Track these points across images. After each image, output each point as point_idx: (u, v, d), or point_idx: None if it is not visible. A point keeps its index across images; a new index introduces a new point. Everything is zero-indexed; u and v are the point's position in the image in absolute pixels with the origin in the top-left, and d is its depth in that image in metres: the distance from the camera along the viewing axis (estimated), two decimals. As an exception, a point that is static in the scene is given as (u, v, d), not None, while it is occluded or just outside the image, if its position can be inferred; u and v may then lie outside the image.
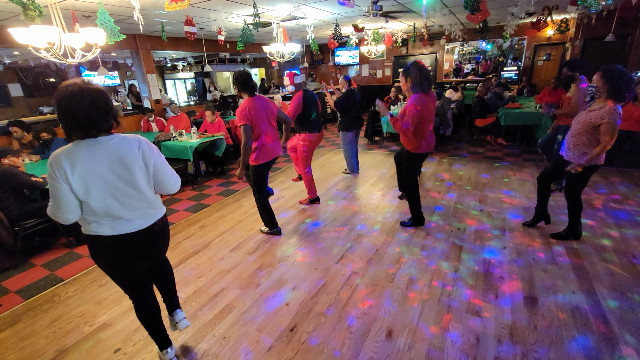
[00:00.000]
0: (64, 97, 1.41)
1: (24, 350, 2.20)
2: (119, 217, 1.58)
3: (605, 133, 2.55)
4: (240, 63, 13.93)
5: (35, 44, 2.71)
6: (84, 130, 1.46)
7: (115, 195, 1.55)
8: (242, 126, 2.95)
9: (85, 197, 1.50)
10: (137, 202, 1.62)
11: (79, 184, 1.46)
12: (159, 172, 1.68)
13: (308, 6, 5.24)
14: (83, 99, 1.42)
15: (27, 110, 9.86)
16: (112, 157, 1.52)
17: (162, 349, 1.97)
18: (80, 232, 3.59)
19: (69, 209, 1.50)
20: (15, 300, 2.73)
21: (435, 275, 2.69)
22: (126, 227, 1.61)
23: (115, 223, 1.59)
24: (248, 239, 3.49)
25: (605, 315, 2.18)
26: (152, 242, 1.74)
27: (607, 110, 2.53)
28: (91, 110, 1.43)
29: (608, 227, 3.29)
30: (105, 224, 1.58)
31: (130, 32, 6.38)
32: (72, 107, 1.41)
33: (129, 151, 1.56)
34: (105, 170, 1.51)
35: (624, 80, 2.47)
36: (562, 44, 8.88)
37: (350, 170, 5.29)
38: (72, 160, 1.44)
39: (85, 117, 1.43)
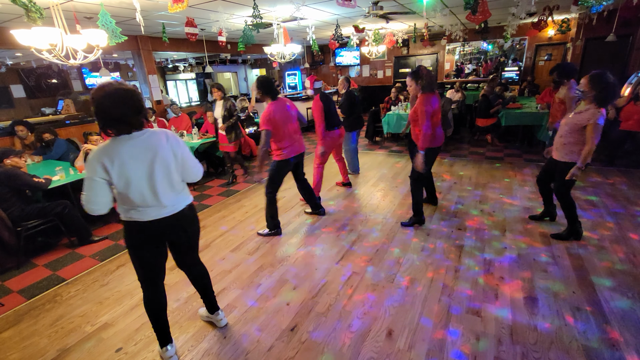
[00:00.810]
0: (102, 97, 1.56)
1: (26, 349, 2.21)
2: (154, 204, 1.73)
3: (590, 134, 2.64)
4: (241, 64, 13.97)
5: (38, 45, 2.73)
6: (119, 126, 1.61)
7: (150, 185, 1.69)
8: (264, 131, 3.09)
9: (125, 189, 1.64)
10: (168, 190, 1.77)
11: (119, 177, 1.61)
12: (186, 161, 1.83)
13: (309, 7, 5.25)
14: (121, 99, 1.58)
15: (29, 111, 9.90)
16: (146, 150, 1.67)
17: (162, 346, 2.02)
18: (83, 232, 3.62)
19: (101, 202, 1.63)
20: (18, 300, 2.75)
21: (436, 276, 2.69)
22: (160, 213, 1.76)
23: (151, 210, 1.73)
24: (249, 239, 3.50)
25: (606, 315, 2.18)
26: (182, 227, 1.88)
27: (593, 112, 2.62)
28: (125, 108, 1.59)
29: (609, 227, 3.29)
30: (141, 211, 1.72)
31: (131, 34, 6.41)
32: (108, 106, 1.56)
33: (160, 143, 1.71)
34: (141, 162, 1.65)
35: (610, 87, 2.56)
36: (563, 44, 8.88)
37: (351, 170, 5.30)
38: (111, 156, 1.59)
39: (120, 115, 1.58)
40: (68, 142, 5.19)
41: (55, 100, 10.15)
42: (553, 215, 3.41)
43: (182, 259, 2.07)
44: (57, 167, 3.80)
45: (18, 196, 3.34)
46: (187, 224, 1.91)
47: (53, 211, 3.40)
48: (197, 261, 2.16)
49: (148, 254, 1.84)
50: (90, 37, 3.01)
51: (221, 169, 5.91)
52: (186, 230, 1.91)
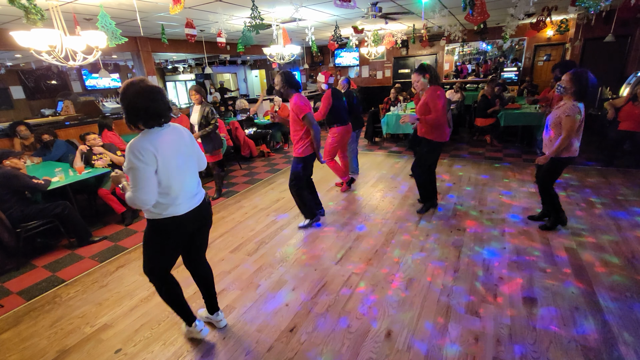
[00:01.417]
0: (140, 94, 1.65)
1: (25, 351, 2.21)
2: (190, 192, 1.86)
3: (565, 126, 2.78)
4: (240, 65, 13.98)
5: (37, 47, 2.73)
6: (154, 120, 1.70)
7: (186, 173, 1.83)
8: (308, 114, 3.16)
9: (168, 178, 1.73)
10: (196, 178, 1.93)
11: (163, 164, 1.70)
12: (200, 151, 1.99)
13: (308, 8, 5.26)
14: (154, 94, 1.68)
15: (29, 112, 9.90)
16: (178, 140, 1.81)
17: (190, 324, 2.14)
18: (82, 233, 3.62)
19: (151, 190, 1.68)
20: (17, 301, 2.75)
21: (435, 276, 2.69)
22: (195, 201, 1.89)
23: (189, 200, 1.85)
24: (248, 240, 3.50)
25: (605, 315, 2.19)
26: (205, 217, 2.00)
27: (569, 106, 2.76)
28: (162, 104, 1.71)
29: (608, 227, 3.29)
30: (181, 204, 1.81)
31: (131, 35, 6.42)
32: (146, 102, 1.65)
33: (183, 135, 1.86)
34: (177, 152, 1.78)
35: (589, 85, 2.70)
36: (562, 44, 8.89)
37: (350, 170, 5.30)
38: (155, 144, 1.67)
39: (158, 110, 1.69)
40: (68, 144, 5.20)
41: (54, 102, 10.16)
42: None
43: (194, 254, 2.13)
44: (57, 169, 3.80)
45: (17, 197, 3.34)
46: (209, 213, 2.04)
47: (52, 212, 3.40)
48: (204, 259, 2.22)
49: (175, 249, 1.94)
50: (90, 39, 3.01)
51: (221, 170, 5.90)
52: (208, 220, 2.04)
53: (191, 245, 2.08)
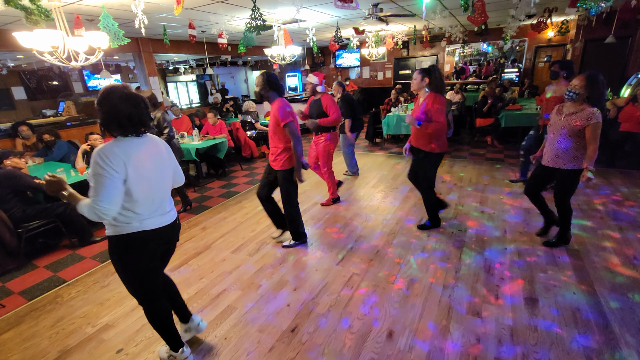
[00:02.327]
0: (119, 99, 1.57)
1: (27, 350, 2.21)
2: (161, 208, 1.75)
3: (594, 134, 2.55)
4: (241, 66, 14.00)
5: (40, 47, 2.74)
6: (133, 129, 1.62)
7: (157, 187, 1.72)
8: (291, 122, 2.81)
9: (138, 190, 1.60)
10: (168, 193, 1.82)
11: (134, 175, 1.58)
12: (177, 165, 1.93)
13: (309, 9, 5.27)
14: (138, 103, 1.62)
15: (30, 113, 9.92)
16: (154, 152, 1.72)
17: (177, 349, 1.95)
18: (84, 234, 3.62)
19: (114, 200, 1.54)
20: (19, 301, 2.75)
21: (436, 276, 2.69)
22: (165, 219, 1.77)
23: (160, 215, 1.74)
24: (249, 240, 3.50)
25: (606, 316, 2.19)
26: (175, 234, 1.91)
27: (591, 112, 2.54)
28: (144, 113, 1.64)
29: (609, 228, 3.29)
30: (150, 219, 1.69)
31: (132, 36, 6.43)
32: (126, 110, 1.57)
33: (161, 147, 1.79)
34: (151, 164, 1.68)
35: (603, 88, 2.54)
36: (563, 45, 8.90)
37: (351, 172, 5.31)
38: (127, 153, 1.58)
39: (139, 118, 1.62)
40: (69, 144, 5.21)
41: (56, 102, 10.18)
42: (556, 221, 3.16)
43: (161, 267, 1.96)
44: (58, 169, 3.82)
45: (19, 197, 3.35)
46: (178, 232, 1.93)
47: (54, 212, 3.40)
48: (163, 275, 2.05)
49: (149, 267, 1.76)
50: (92, 39, 3.02)
51: (222, 171, 5.92)
52: (176, 238, 1.93)
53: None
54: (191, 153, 5.05)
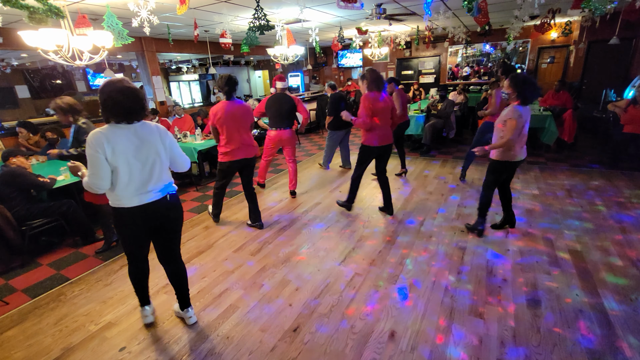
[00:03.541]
0: (115, 91, 1.79)
1: (30, 348, 2.23)
2: (139, 189, 1.91)
3: (507, 129, 2.85)
4: (244, 65, 14.02)
5: (45, 46, 2.75)
6: (125, 118, 1.84)
7: (143, 169, 1.90)
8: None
9: (120, 169, 1.83)
10: (155, 177, 1.95)
11: (113, 155, 1.80)
12: (172, 151, 2.06)
13: (312, 9, 5.28)
14: (132, 95, 1.82)
15: (34, 111, 9.97)
16: (138, 137, 1.88)
17: (142, 306, 2.35)
18: (87, 232, 3.64)
19: (101, 176, 1.82)
20: (22, 299, 2.77)
21: (438, 277, 2.69)
22: (145, 198, 1.94)
23: (141, 194, 1.92)
24: (251, 239, 3.51)
25: (609, 318, 2.18)
26: (166, 214, 2.05)
27: (509, 109, 2.86)
28: (137, 104, 1.84)
29: (612, 230, 3.28)
30: (131, 197, 1.90)
31: (136, 35, 6.45)
32: (121, 100, 1.80)
33: (150, 132, 1.94)
34: (135, 147, 1.86)
35: (527, 85, 2.76)
36: (566, 46, 8.86)
37: (349, 166, 5.72)
38: (109, 136, 1.80)
39: (130, 109, 1.83)
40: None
41: (59, 101, 10.21)
42: (512, 222, 3.37)
43: (162, 251, 2.20)
44: (62, 167, 3.83)
45: (23, 196, 3.37)
46: (169, 210, 2.06)
47: (58, 210, 3.42)
48: (177, 256, 2.26)
49: (133, 237, 2.06)
50: (96, 39, 3.03)
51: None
52: (168, 216, 2.07)
53: (157, 241, 2.16)
54: (193, 153, 5.06)
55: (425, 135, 6.23)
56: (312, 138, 8.62)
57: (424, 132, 6.25)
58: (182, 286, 2.28)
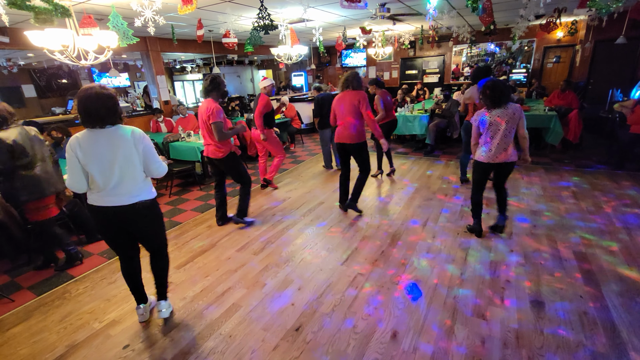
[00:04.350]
0: (83, 97, 1.88)
1: (35, 345, 2.25)
2: (108, 192, 1.99)
3: None
4: (248, 65, 14.04)
5: (50, 46, 2.77)
6: (94, 123, 1.92)
7: (108, 173, 1.95)
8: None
9: (90, 171, 1.94)
10: (126, 180, 2.00)
11: (84, 158, 1.91)
12: (147, 156, 2.07)
13: (316, 9, 5.28)
14: (98, 101, 1.89)
15: (40, 110, 10.07)
16: (110, 141, 1.94)
17: (137, 304, 2.39)
18: (91, 230, 3.66)
19: (75, 178, 1.96)
20: (28, 296, 2.80)
21: (441, 278, 2.68)
22: (111, 200, 2.00)
23: (105, 197, 2.00)
24: (254, 239, 3.52)
25: (614, 320, 2.16)
26: (132, 219, 2.08)
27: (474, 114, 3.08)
28: (102, 109, 1.89)
29: (617, 231, 3.25)
30: (98, 196, 2.00)
31: (140, 35, 6.49)
32: (87, 106, 1.88)
33: (123, 137, 1.98)
34: (104, 150, 1.93)
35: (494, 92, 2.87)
36: (572, 46, 8.78)
37: (325, 166, 5.85)
38: (80, 141, 1.92)
39: (96, 114, 1.89)
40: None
41: (65, 100, 10.31)
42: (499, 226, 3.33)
43: (145, 245, 2.30)
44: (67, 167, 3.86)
45: (29, 194, 3.39)
46: (137, 217, 2.09)
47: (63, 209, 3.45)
48: (159, 251, 2.34)
49: (107, 235, 2.16)
50: (102, 38, 3.05)
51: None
52: (136, 222, 2.11)
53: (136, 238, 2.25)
54: (197, 152, 5.08)
55: (429, 135, 6.21)
56: (316, 138, 8.62)
57: (428, 132, 6.23)
58: (156, 277, 2.37)
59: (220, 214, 3.91)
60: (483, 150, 3.03)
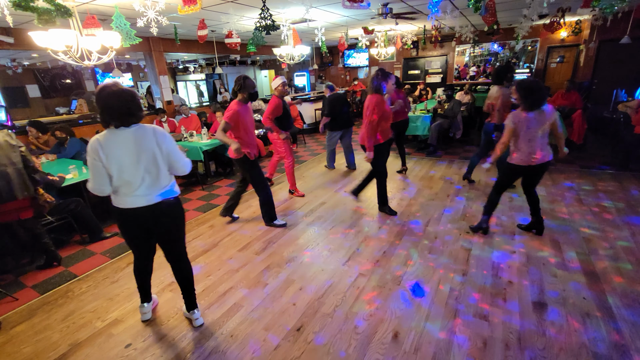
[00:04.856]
0: (108, 95, 1.82)
1: (39, 343, 2.27)
2: (134, 192, 1.94)
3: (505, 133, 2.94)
4: (250, 65, 14.07)
5: (54, 47, 2.79)
6: (121, 121, 1.86)
7: (137, 172, 1.91)
8: None
9: (115, 173, 1.87)
10: (151, 180, 1.96)
11: (109, 161, 1.85)
12: (170, 154, 2.02)
13: (318, 9, 5.28)
14: (124, 98, 1.84)
15: (44, 110, 10.14)
16: (133, 141, 1.89)
17: (141, 302, 2.40)
18: (95, 230, 3.68)
19: (98, 181, 1.89)
20: (31, 294, 2.82)
21: (443, 278, 2.68)
22: (137, 202, 1.96)
23: (137, 197, 1.95)
24: (256, 239, 3.52)
25: (617, 321, 2.15)
26: (158, 218, 2.05)
27: (509, 115, 2.93)
28: (132, 106, 1.86)
29: (621, 232, 3.23)
30: (127, 198, 1.95)
31: (143, 35, 6.52)
32: (113, 104, 1.82)
33: (146, 136, 1.93)
34: (129, 151, 1.88)
35: (533, 93, 2.76)
36: (576, 45, 8.73)
37: (328, 165, 5.83)
38: (102, 143, 1.85)
39: (127, 112, 1.85)
40: (81, 142, 5.30)
41: (69, 100, 10.37)
42: (540, 229, 3.24)
43: (166, 250, 2.22)
44: (71, 166, 3.88)
45: (33, 193, 3.42)
46: (164, 216, 2.06)
47: (66, 208, 3.47)
48: (181, 257, 2.28)
49: (130, 235, 2.13)
50: (105, 39, 3.07)
51: (229, 169, 5.97)
52: (163, 222, 2.08)
53: (160, 242, 2.20)
54: (199, 152, 5.09)
55: (432, 135, 6.20)
56: (318, 138, 8.62)
57: (430, 132, 6.21)
58: (186, 286, 2.29)
59: (229, 205, 3.87)
60: (520, 154, 2.91)
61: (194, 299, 2.34)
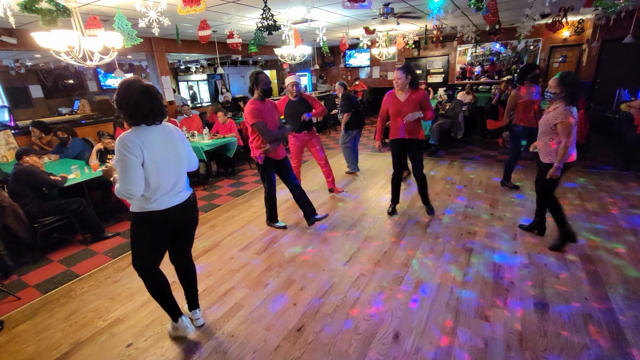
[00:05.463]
0: (136, 91, 1.72)
1: (41, 342, 2.28)
2: (171, 191, 1.90)
3: (561, 131, 2.70)
4: (252, 65, 14.08)
5: (56, 47, 2.80)
6: (154, 118, 1.80)
7: (171, 170, 1.88)
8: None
9: (152, 173, 1.79)
10: (181, 176, 1.97)
11: (149, 159, 1.76)
12: (191, 150, 2.08)
13: (319, 9, 5.28)
14: (154, 94, 1.78)
15: (47, 110, 10.18)
16: (167, 138, 1.88)
17: (176, 319, 2.17)
18: (97, 229, 3.70)
19: (137, 181, 1.73)
20: (34, 294, 2.83)
21: (444, 279, 2.67)
22: (178, 199, 1.94)
23: (172, 196, 1.91)
24: (257, 239, 3.53)
25: (619, 323, 2.14)
26: (187, 215, 2.03)
27: (560, 111, 2.69)
28: (161, 103, 1.83)
29: (624, 232, 3.21)
30: (163, 199, 1.87)
31: (145, 35, 6.53)
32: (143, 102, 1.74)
33: (173, 132, 1.94)
34: (164, 149, 1.84)
35: (577, 86, 2.66)
36: (579, 45, 8.70)
37: (351, 169, 5.47)
38: (142, 139, 1.75)
39: (159, 109, 1.81)
40: (83, 142, 5.33)
41: (71, 101, 10.42)
42: (542, 229, 3.21)
43: (178, 251, 2.19)
44: (73, 166, 3.90)
45: (35, 193, 3.45)
46: (192, 211, 2.07)
47: (68, 208, 3.49)
48: (188, 256, 2.28)
49: (157, 239, 1.98)
50: (107, 39, 3.08)
51: (231, 170, 5.98)
52: (190, 217, 2.08)
53: (175, 242, 2.13)
54: (201, 152, 5.10)
55: (433, 135, 6.19)
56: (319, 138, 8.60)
57: (432, 132, 6.20)
58: (190, 285, 2.29)
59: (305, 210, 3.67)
60: (572, 149, 2.74)
61: (197, 299, 2.35)
